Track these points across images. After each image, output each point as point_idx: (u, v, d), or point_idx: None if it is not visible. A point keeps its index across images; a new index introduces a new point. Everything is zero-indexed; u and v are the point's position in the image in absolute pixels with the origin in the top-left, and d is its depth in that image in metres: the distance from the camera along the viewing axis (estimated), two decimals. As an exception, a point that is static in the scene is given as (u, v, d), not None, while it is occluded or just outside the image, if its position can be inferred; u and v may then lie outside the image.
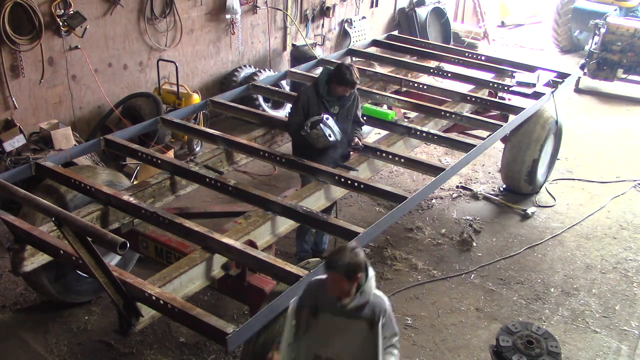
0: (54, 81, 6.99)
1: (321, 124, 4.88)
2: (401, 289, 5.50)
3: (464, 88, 7.42)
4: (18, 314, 4.99)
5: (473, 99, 6.79)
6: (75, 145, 6.31)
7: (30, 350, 4.60)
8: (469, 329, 5.08)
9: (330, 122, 4.92)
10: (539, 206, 7.09)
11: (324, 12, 10.39)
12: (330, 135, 4.90)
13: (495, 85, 7.21)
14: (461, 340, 4.94)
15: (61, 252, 3.84)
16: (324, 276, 3.16)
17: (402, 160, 5.29)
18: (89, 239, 3.25)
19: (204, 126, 7.29)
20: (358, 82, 5.09)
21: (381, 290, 5.31)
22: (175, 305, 3.33)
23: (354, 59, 8.30)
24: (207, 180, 4.75)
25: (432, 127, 6.27)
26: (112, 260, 5.09)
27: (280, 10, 9.60)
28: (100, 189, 4.46)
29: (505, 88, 7.14)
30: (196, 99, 7.64)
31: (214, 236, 3.93)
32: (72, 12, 6.80)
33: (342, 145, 5.19)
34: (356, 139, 5.27)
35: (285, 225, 4.55)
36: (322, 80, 5.11)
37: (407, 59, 8.25)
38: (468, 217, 6.76)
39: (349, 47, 8.70)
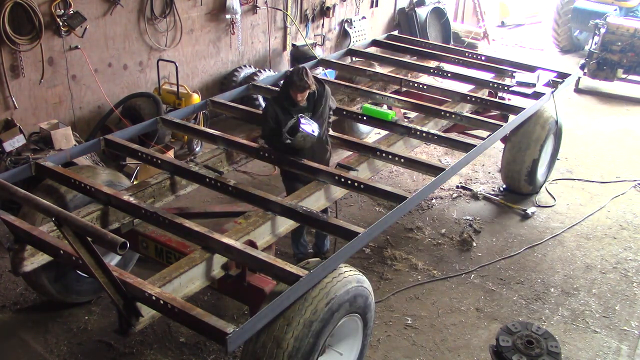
0: (54, 81, 6.99)
1: (301, 126, 4.79)
2: (401, 289, 5.50)
3: (464, 88, 7.42)
4: (18, 314, 4.99)
5: (473, 99, 6.79)
6: (75, 145, 6.31)
7: (30, 350, 4.60)
8: (469, 329, 5.08)
9: (305, 119, 4.86)
10: (539, 206, 7.09)
11: (324, 12, 10.39)
12: (313, 131, 4.85)
13: (495, 85, 7.21)
14: (461, 340, 4.94)
15: (61, 252, 3.83)
16: None
17: (402, 160, 5.28)
18: (89, 239, 3.25)
19: (204, 126, 7.29)
20: (308, 84, 4.85)
21: (381, 290, 5.37)
22: (175, 305, 3.32)
23: (354, 58, 8.31)
24: (207, 180, 4.74)
25: (432, 127, 6.27)
26: (112, 260, 5.09)
27: (280, 10, 9.60)
28: (100, 189, 4.45)
29: (505, 88, 7.13)
30: (196, 99, 7.64)
31: (214, 236, 3.93)
32: (72, 12, 6.80)
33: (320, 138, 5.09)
34: None
35: (285, 225, 4.55)
36: (283, 92, 5.03)
37: (407, 59, 8.25)
38: (468, 217, 6.76)
39: (349, 47, 8.70)
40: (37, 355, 4.57)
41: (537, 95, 6.88)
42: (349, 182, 4.79)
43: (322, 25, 10.54)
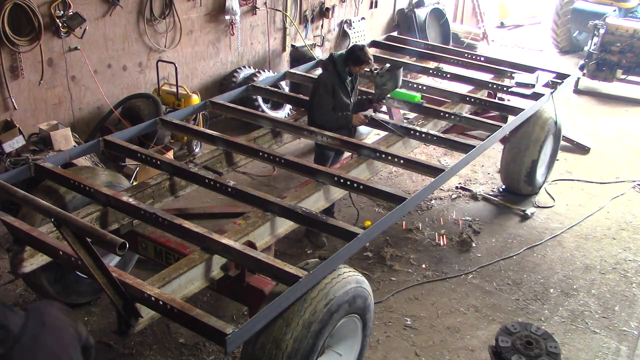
0: (54, 82, 6.99)
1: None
2: (400, 289, 5.51)
3: (463, 89, 7.42)
4: (17, 315, 4.99)
5: (472, 100, 6.79)
6: (74, 146, 6.31)
7: (29, 351, 4.60)
8: (469, 329, 5.08)
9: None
10: (538, 207, 7.10)
11: (323, 13, 10.40)
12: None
13: (495, 86, 7.21)
14: (460, 341, 4.94)
15: (60, 253, 3.83)
16: None
17: (401, 161, 5.28)
18: (88, 239, 3.25)
19: (203, 127, 7.29)
20: (370, 58, 5.77)
21: (381, 291, 5.37)
22: (175, 305, 3.32)
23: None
24: (207, 181, 4.74)
25: (432, 128, 6.28)
26: (112, 261, 5.08)
27: (280, 11, 9.61)
28: (99, 190, 4.45)
29: (505, 89, 7.14)
30: (195, 99, 7.64)
31: (213, 237, 3.93)
32: (71, 13, 6.80)
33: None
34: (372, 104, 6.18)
35: (285, 226, 4.55)
36: (340, 64, 5.72)
37: (406, 59, 8.26)
38: (467, 218, 6.77)
39: (349, 48, 8.70)
40: (37, 356, 4.57)
41: (536, 96, 6.88)
42: (348, 182, 4.80)
43: (322, 26, 10.55)
